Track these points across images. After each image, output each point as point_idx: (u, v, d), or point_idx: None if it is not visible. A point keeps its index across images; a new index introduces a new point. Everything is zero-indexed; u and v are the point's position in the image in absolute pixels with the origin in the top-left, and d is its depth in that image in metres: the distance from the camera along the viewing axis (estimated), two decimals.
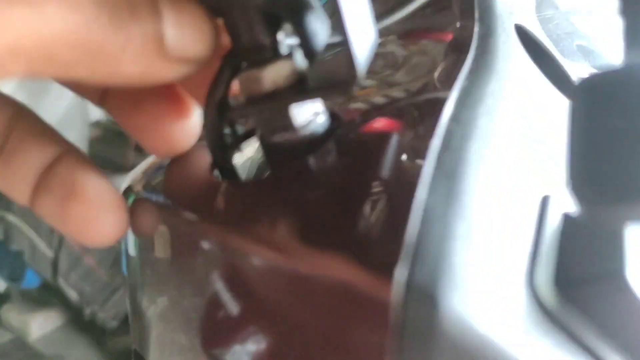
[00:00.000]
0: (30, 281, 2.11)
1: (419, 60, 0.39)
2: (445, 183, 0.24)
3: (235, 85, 0.30)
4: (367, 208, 0.24)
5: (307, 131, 0.30)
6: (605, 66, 0.25)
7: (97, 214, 0.29)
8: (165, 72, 0.25)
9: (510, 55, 0.38)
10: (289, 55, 0.29)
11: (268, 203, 0.28)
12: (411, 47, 0.41)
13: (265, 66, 0.29)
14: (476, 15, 0.40)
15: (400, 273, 0.21)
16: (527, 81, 0.38)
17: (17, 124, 0.30)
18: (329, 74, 0.28)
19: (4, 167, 0.29)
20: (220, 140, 0.31)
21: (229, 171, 0.32)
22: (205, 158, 0.33)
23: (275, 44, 0.29)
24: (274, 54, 0.29)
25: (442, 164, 0.25)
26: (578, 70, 0.49)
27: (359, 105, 0.35)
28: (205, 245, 0.29)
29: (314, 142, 0.30)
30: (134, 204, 0.34)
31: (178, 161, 0.35)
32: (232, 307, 0.29)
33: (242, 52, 0.29)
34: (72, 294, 2.01)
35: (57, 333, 2.08)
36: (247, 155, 0.35)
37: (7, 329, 2.06)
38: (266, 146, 0.31)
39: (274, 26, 0.29)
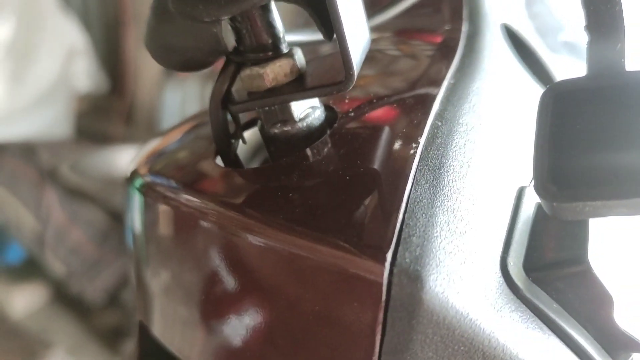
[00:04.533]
0: (14, 255, 2.07)
1: (408, 58, 0.41)
2: (430, 176, 0.27)
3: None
4: (360, 198, 0.27)
5: (305, 124, 0.33)
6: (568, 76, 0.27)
7: None
8: None
9: (496, 53, 0.40)
10: (289, 54, 0.32)
11: (268, 189, 0.30)
12: (402, 47, 0.44)
13: (266, 64, 0.31)
14: (464, 13, 0.43)
15: (390, 257, 0.24)
16: (511, 78, 0.40)
17: None
18: (326, 73, 0.31)
19: None
20: (224, 131, 0.34)
21: (231, 159, 0.35)
22: (209, 146, 0.36)
23: (276, 42, 0.31)
24: (275, 52, 0.31)
25: (427, 158, 0.28)
26: (563, 65, 0.52)
27: (354, 94, 0.37)
28: (207, 225, 0.32)
29: (312, 134, 0.33)
30: (142, 186, 0.37)
31: (184, 148, 0.37)
32: (230, 283, 0.31)
33: (246, 50, 0.32)
34: (59, 268, 1.97)
35: (41, 309, 2.01)
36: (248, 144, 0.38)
37: None
38: (266, 137, 0.34)
39: (275, 26, 0.31)
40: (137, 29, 2.43)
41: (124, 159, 2.19)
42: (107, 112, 2.75)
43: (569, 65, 0.54)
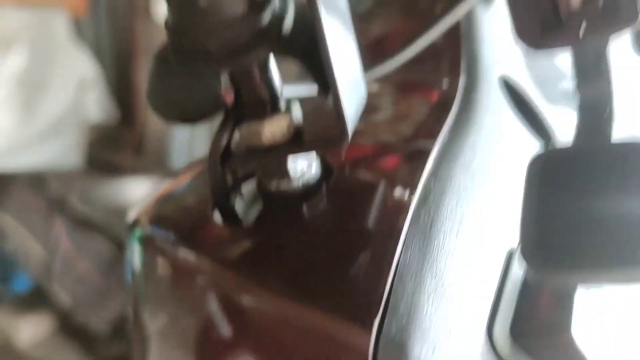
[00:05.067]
0: (20, 284, 2.08)
1: (404, 113, 0.42)
2: (420, 239, 0.28)
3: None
4: (350, 262, 0.27)
5: (301, 181, 0.33)
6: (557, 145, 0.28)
7: None
8: None
9: (492, 107, 0.41)
10: (287, 110, 0.32)
11: (263, 247, 0.31)
12: (398, 101, 0.44)
13: (264, 120, 0.32)
14: (462, 66, 0.43)
15: (377, 326, 0.24)
16: (506, 132, 0.41)
17: None
18: (323, 129, 0.31)
19: None
20: (222, 185, 0.34)
21: (229, 213, 0.35)
22: (208, 200, 0.36)
23: (274, 99, 0.32)
24: (273, 108, 0.32)
25: (418, 220, 0.29)
26: (562, 116, 0.52)
27: (349, 148, 0.38)
28: (201, 282, 0.32)
29: (308, 191, 0.33)
30: (142, 238, 0.37)
31: (185, 197, 0.38)
32: (221, 339, 0.31)
33: (244, 106, 0.32)
34: (66, 298, 1.97)
35: (47, 338, 2.00)
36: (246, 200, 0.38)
37: None
38: (264, 193, 0.34)
39: (273, 82, 0.32)
40: (148, 61, 2.45)
41: (133, 189, 2.20)
42: (117, 143, 2.76)
43: (567, 116, 0.54)
